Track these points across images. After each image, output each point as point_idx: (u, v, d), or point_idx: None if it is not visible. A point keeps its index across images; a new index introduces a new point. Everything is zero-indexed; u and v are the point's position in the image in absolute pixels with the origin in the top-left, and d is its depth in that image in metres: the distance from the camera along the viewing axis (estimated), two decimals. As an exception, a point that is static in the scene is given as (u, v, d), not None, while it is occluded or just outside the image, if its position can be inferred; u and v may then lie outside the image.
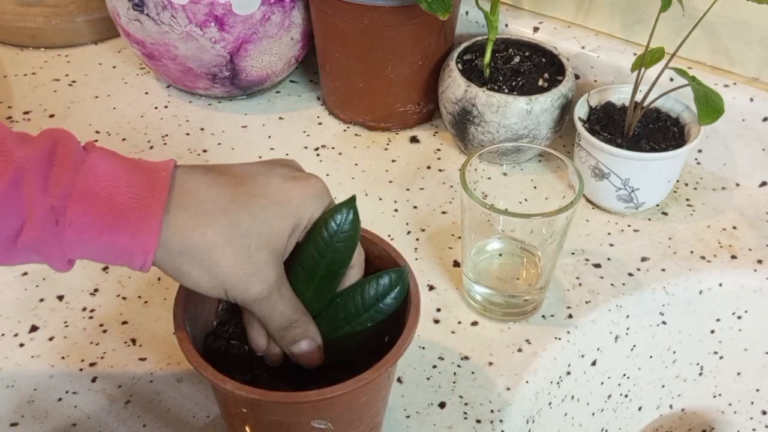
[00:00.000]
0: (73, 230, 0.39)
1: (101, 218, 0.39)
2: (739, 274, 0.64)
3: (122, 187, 0.40)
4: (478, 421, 0.53)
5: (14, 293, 0.61)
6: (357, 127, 0.79)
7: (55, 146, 0.40)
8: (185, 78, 0.78)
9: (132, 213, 0.40)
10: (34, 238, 0.39)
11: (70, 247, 0.40)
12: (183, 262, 0.41)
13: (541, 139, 0.70)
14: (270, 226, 0.42)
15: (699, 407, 0.70)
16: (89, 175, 0.40)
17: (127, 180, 0.40)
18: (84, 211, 0.39)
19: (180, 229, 0.40)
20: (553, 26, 0.77)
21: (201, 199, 0.41)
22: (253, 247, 0.41)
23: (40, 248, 0.40)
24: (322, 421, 0.43)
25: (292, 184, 0.43)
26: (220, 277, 0.41)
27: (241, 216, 0.41)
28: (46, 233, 0.39)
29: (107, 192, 0.40)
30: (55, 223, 0.39)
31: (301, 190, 0.43)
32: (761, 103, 0.68)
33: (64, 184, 0.39)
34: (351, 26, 0.71)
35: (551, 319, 0.60)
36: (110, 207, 0.39)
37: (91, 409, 0.53)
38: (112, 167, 0.41)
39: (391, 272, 0.46)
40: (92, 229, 0.39)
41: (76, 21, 0.88)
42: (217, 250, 0.41)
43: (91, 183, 0.40)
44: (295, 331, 0.45)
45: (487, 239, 0.60)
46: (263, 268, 0.42)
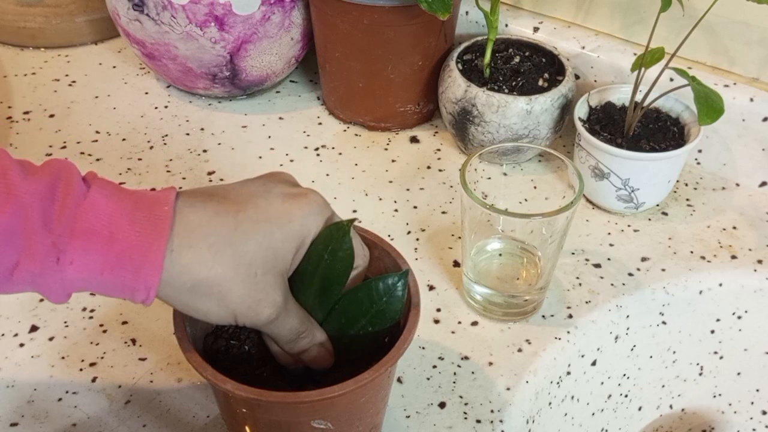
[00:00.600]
0: (74, 268, 0.39)
1: (103, 256, 0.39)
2: (739, 274, 0.64)
3: (124, 224, 0.40)
4: (478, 421, 0.53)
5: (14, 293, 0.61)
6: (357, 127, 0.79)
7: (57, 181, 0.40)
8: (185, 78, 0.78)
9: (134, 251, 0.39)
10: (33, 273, 0.39)
11: (71, 283, 0.40)
12: (191, 298, 0.41)
13: (541, 139, 0.70)
14: (274, 250, 0.42)
15: (699, 407, 0.70)
16: (90, 212, 0.40)
17: (129, 216, 0.40)
18: (85, 249, 0.39)
19: (186, 267, 0.40)
20: (553, 26, 0.77)
21: (205, 233, 0.41)
22: (260, 274, 0.42)
23: (38, 282, 0.40)
24: (322, 420, 0.43)
25: (291, 202, 0.43)
26: (230, 307, 0.42)
27: (246, 245, 0.41)
28: (47, 270, 0.39)
29: (109, 230, 0.39)
30: (56, 261, 0.39)
31: (302, 209, 0.43)
32: (761, 103, 0.68)
33: (66, 222, 0.39)
34: (351, 26, 0.71)
35: (551, 319, 0.60)
36: (112, 245, 0.39)
37: (91, 409, 0.53)
38: (113, 203, 0.40)
39: (391, 276, 0.46)
40: (94, 266, 0.39)
41: (76, 21, 0.88)
42: (225, 282, 0.41)
43: (93, 220, 0.39)
44: (303, 341, 0.45)
45: (487, 239, 0.60)
46: (270, 293, 0.42)
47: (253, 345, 0.48)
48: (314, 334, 0.46)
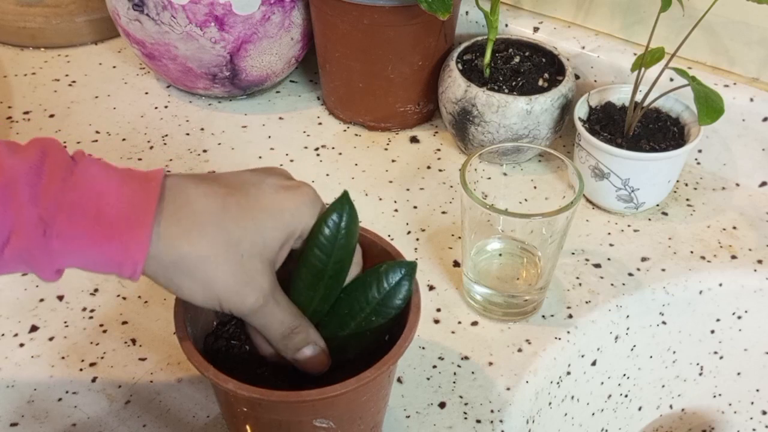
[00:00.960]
0: (60, 241, 0.39)
1: (90, 230, 0.39)
2: (739, 274, 0.64)
3: (111, 198, 0.40)
4: (478, 421, 0.53)
5: (14, 293, 0.61)
6: (357, 127, 0.79)
7: (44, 157, 0.40)
8: (185, 78, 0.78)
9: (121, 224, 0.39)
10: (21, 248, 0.39)
11: (58, 257, 0.40)
12: (175, 274, 0.41)
13: (541, 139, 0.70)
14: (263, 236, 0.42)
15: (699, 407, 0.70)
16: (78, 187, 0.40)
17: (116, 191, 0.40)
18: (72, 223, 0.39)
19: (171, 240, 0.40)
20: (553, 26, 0.77)
21: (192, 210, 0.41)
22: (246, 257, 0.41)
23: (27, 258, 0.40)
24: (323, 419, 0.43)
25: (284, 194, 0.43)
26: (214, 289, 0.41)
27: (233, 226, 0.41)
28: (34, 243, 0.39)
29: (96, 204, 0.39)
30: (43, 234, 0.39)
31: (294, 200, 0.43)
32: (761, 103, 0.68)
33: (53, 196, 0.39)
34: (351, 26, 0.71)
35: (551, 319, 0.60)
36: (99, 218, 0.39)
37: (91, 409, 0.53)
38: (101, 178, 0.40)
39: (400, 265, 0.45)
40: (81, 240, 0.39)
41: (76, 21, 0.88)
42: (210, 261, 0.40)
43: (80, 194, 0.39)
44: (297, 338, 0.44)
45: (487, 239, 0.60)
46: (256, 278, 0.42)
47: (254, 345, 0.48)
48: (308, 332, 0.45)
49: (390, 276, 0.45)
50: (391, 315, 0.45)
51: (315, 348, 0.45)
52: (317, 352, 0.45)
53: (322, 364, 0.46)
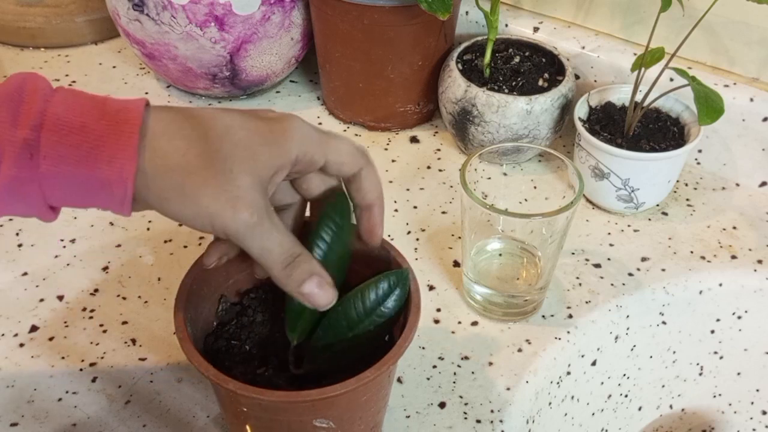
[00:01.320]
0: (48, 162, 0.38)
1: (76, 148, 0.38)
2: (739, 274, 0.64)
3: (95, 115, 0.38)
4: (478, 421, 0.53)
5: (14, 293, 0.61)
6: (357, 127, 0.79)
7: (23, 83, 0.39)
8: (185, 78, 0.78)
9: (107, 139, 0.38)
10: (10, 177, 0.38)
11: (48, 184, 0.38)
12: (164, 189, 0.39)
13: (541, 139, 0.70)
14: (253, 153, 0.40)
15: (699, 407, 0.70)
16: (60, 106, 0.38)
17: (100, 109, 0.39)
18: (58, 141, 0.38)
19: (158, 153, 0.38)
20: (553, 26, 0.77)
21: (179, 127, 0.39)
22: (236, 171, 0.39)
23: (18, 188, 0.38)
24: (323, 420, 0.43)
25: (274, 122, 0.42)
26: (203, 202, 0.39)
27: (221, 141, 0.39)
28: (22, 169, 0.38)
29: (80, 120, 0.38)
30: (30, 157, 0.38)
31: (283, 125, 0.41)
32: (761, 103, 0.68)
33: (35, 116, 0.38)
34: (351, 26, 0.71)
35: (551, 319, 0.60)
36: (84, 135, 0.38)
37: (91, 409, 0.53)
38: (83, 98, 0.39)
39: (390, 275, 0.46)
40: (68, 160, 0.38)
41: (76, 21, 0.88)
42: (198, 172, 0.39)
43: (63, 113, 0.38)
44: (300, 267, 0.41)
45: (487, 239, 0.60)
46: (249, 192, 0.39)
47: (254, 345, 0.48)
48: (311, 263, 0.42)
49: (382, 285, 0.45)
50: (382, 322, 0.45)
51: (320, 280, 0.42)
52: (322, 284, 0.42)
53: (328, 297, 0.43)
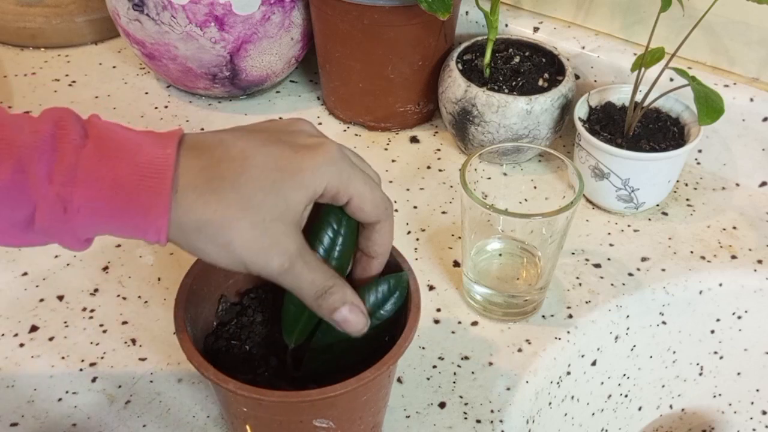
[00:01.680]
0: (82, 216, 0.39)
1: (109, 201, 0.39)
2: (739, 274, 0.64)
3: (126, 168, 0.39)
4: (478, 421, 0.53)
5: (14, 293, 0.61)
6: (357, 127, 0.79)
7: (54, 129, 0.40)
8: (185, 78, 0.78)
9: (140, 194, 0.39)
10: (45, 226, 0.39)
11: (82, 230, 0.40)
12: (197, 240, 0.40)
13: (541, 139, 0.70)
14: (284, 199, 0.40)
15: (699, 407, 0.70)
16: (92, 159, 0.39)
17: (131, 160, 0.39)
18: (91, 197, 0.39)
19: (190, 208, 0.39)
20: (553, 26, 0.77)
21: (208, 177, 0.40)
22: (268, 220, 0.40)
23: (53, 233, 0.40)
24: (323, 420, 0.43)
25: (303, 153, 0.41)
26: (237, 252, 0.40)
27: (252, 190, 0.40)
28: (56, 221, 0.39)
29: (112, 175, 0.39)
30: (64, 211, 0.39)
31: (313, 159, 0.41)
32: (761, 103, 0.68)
33: (67, 171, 0.39)
34: (351, 26, 0.71)
35: (551, 319, 0.60)
36: (117, 189, 0.39)
37: (91, 409, 0.53)
38: (115, 148, 0.40)
39: (390, 278, 0.46)
40: (102, 212, 0.39)
41: (76, 21, 0.88)
42: (231, 225, 0.39)
43: (95, 167, 0.39)
44: (332, 298, 0.42)
45: (487, 239, 0.60)
46: (281, 240, 0.40)
47: (254, 345, 0.48)
48: (344, 291, 0.43)
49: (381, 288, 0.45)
50: (380, 324, 0.45)
51: (352, 308, 0.43)
52: (354, 312, 0.43)
53: (359, 325, 0.43)
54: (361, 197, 0.43)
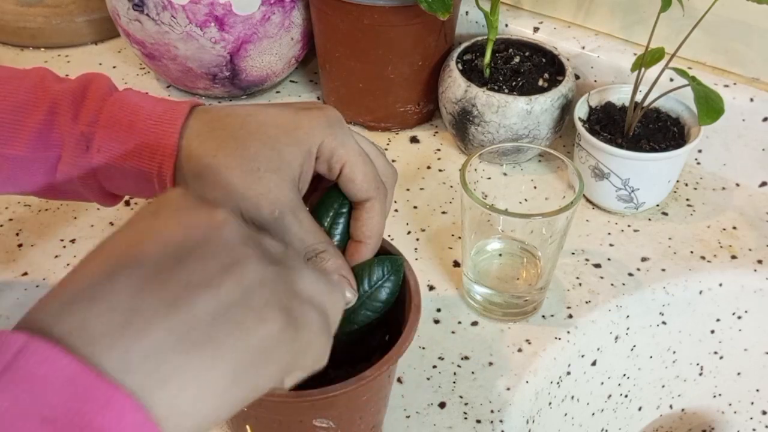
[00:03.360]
0: (101, 155, 0.43)
1: (124, 143, 0.43)
2: (739, 274, 0.64)
3: (143, 115, 0.44)
4: (478, 421, 0.53)
5: (14, 293, 0.61)
6: (357, 127, 0.79)
7: (89, 83, 0.45)
8: (185, 78, 0.78)
9: (150, 137, 0.43)
10: (70, 165, 0.44)
11: (101, 173, 0.44)
12: (198, 187, 0.43)
13: (541, 139, 0.70)
14: (279, 153, 0.42)
15: (699, 407, 0.70)
16: (115, 105, 0.44)
17: (149, 109, 0.44)
18: (109, 137, 0.43)
19: (193, 154, 0.43)
20: (553, 26, 0.77)
21: (213, 127, 0.43)
22: (263, 170, 0.42)
23: (76, 177, 0.44)
24: (323, 419, 0.43)
25: (302, 114, 0.44)
26: (233, 196, 0.42)
27: (249, 141, 0.43)
28: (78, 159, 0.43)
29: (129, 119, 0.43)
30: (86, 149, 0.43)
31: (310, 119, 0.43)
32: (761, 103, 0.68)
33: (92, 113, 0.44)
34: (351, 26, 0.71)
35: (551, 319, 0.60)
36: (131, 132, 0.43)
37: (91, 408, 0.53)
38: (137, 99, 0.45)
39: (385, 261, 0.45)
40: (117, 153, 0.43)
41: (76, 21, 0.88)
42: (228, 171, 0.42)
43: (116, 112, 0.44)
44: (323, 264, 0.43)
45: (487, 239, 0.60)
46: (273, 190, 0.42)
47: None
48: (337, 261, 0.43)
49: (377, 271, 0.45)
50: (380, 309, 0.45)
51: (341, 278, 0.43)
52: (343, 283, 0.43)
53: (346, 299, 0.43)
54: (352, 166, 0.44)
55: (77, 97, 0.44)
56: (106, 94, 0.44)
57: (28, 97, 0.45)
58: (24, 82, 0.46)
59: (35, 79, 0.46)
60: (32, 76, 0.46)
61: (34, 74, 0.47)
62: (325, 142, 0.43)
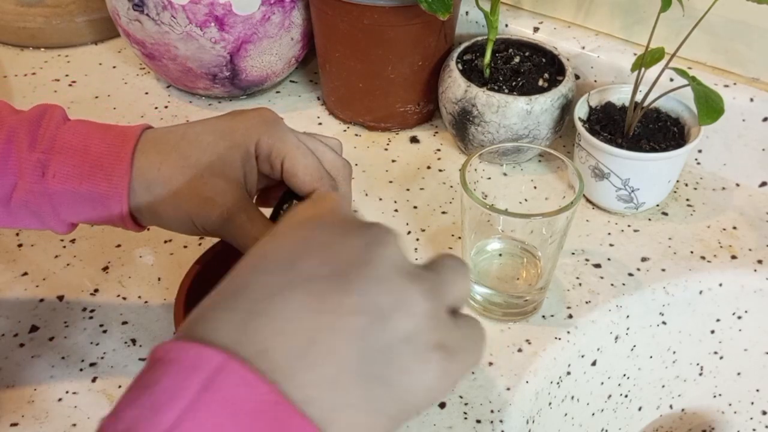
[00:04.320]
0: (57, 180, 0.44)
1: (79, 167, 0.44)
2: (739, 274, 0.64)
3: (96, 140, 0.45)
4: (478, 421, 0.53)
5: (14, 293, 0.61)
6: (357, 127, 0.79)
7: (43, 113, 0.46)
8: (185, 78, 0.78)
9: (105, 160, 0.44)
10: (26, 192, 0.44)
11: (58, 199, 0.45)
12: (151, 201, 0.44)
13: (541, 139, 0.70)
14: (220, 157, 0.44)
15: (699, 407, 0.70)
16: (69, 132, 0.45)
17: (101, 135, 0.45)
18: (64, 162, 0.44)
19: (141, 170, 0.45)
20: (553, 26, 0.77)
21: (156, 142, 0.45)
22: (207, 176, 0.44)
23: (32, 204, 0.45)
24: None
25: (238, 117, 0.46)
26: (182, 207, 0.44)
27: (189, 150, 0.44)
28: (34, 185, 0.44)
29: (83, 144, 0.45)
30: (41, 175, 0.44)
31: (245, 120, 0.46)
32: (761, 103, 0.68)
33: (47, 140, 0.45)
34: (351, 26, 0.71)
35: (551, 319, 0.60)
36: (86, 156, 0.44)
37: (91, 409, 0.53)
38: (90, 126, 0.46)
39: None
40: (72, 177, 0.44)
41: (76, 21, 0.88)
42: (173, 181, 0.44)
43: (70, 138, 0.45)
44: None
45: (487, 239, 0.60)
46: (219, 194, 0.44)
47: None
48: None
49: None
50: None
51: None
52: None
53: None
54: (292, 159, 0.45)
55: (33, 125, 0.45)
56: (59, 122, 0.46)
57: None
58: None
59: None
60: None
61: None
62: (261, 140, 0.45)
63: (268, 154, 0.45)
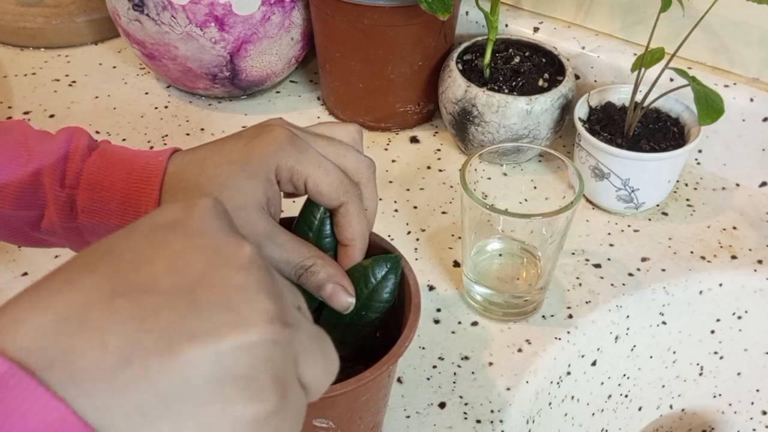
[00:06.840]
0: (84, 216, 0.45)
1: (106, 204, 0.45)
2: (739, 274, 0.64)
3: (122, 174, 0.45)
4: (478, 421, 0.53)
5: (14, 293, 0.60)
6: (357, 127, 0.79)
7: (68, 142, 0.46)
8: (185, 78, 0.78)
9: (133, 194, 0.44)
10: (54, 223, 0.45)
11: (86, 230, 0.45)
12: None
13: (541, 140, 0.70)
14: (240, 190, 0.43)
15: (699, 407, 0.70)
16: (94, 165, 0.45)
17: (128, 167, 0.45)
18: (91, 198, 0.45)
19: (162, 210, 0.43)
20: (553, 26, 0.77)
21: (178, 178, 0.45)
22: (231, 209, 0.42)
23: (63, 233, 0.46)
24: (323, 419, 0.43)
25: (252, 143, 0.44)
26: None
27: (210, 186, 0.44)
28: (64, 219, 0.45)
29: (110, 180, 0.45)
30: (70, 210, 0.45)
31: (261, 147, 0.44)
32: (761, 103, 0.68)
33: (73, 176, 0.45)
34: (351, 26, 0.71)
35: (551, 319, 0.60)
36: (113, 192, 0.45)
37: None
38: (115, 158, 0.46)
39: (383, 260, 0.45)
40: (100, 213, 0.45)
41: (76, 21, 0.88)
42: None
43: (96, 173, 0.45)
44: (314, 278, 0.44)
45: (487, 239, 0.60)
46: (244, 226, 0.42)
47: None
48: (327, 270, 0.44)
49: (376, 271, 0.45)
50: (382, 309, 0.45)
51: (334, 286, 0.44)
52: (336, 290, 0.44)
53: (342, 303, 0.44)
54: (314, 179, 0.44)
55: (60, 158, 0.45)
56: (85, 154, 0.46)
57: (10, 154, 0.45)
58: (6, 137, 0.46)
59: (17, 135, 0.46)
60: (14, 132, 0.47)
61: (15, 130, 0.47)
62: (280, 165, 0.43)
63: (289, 177, 0.44)
